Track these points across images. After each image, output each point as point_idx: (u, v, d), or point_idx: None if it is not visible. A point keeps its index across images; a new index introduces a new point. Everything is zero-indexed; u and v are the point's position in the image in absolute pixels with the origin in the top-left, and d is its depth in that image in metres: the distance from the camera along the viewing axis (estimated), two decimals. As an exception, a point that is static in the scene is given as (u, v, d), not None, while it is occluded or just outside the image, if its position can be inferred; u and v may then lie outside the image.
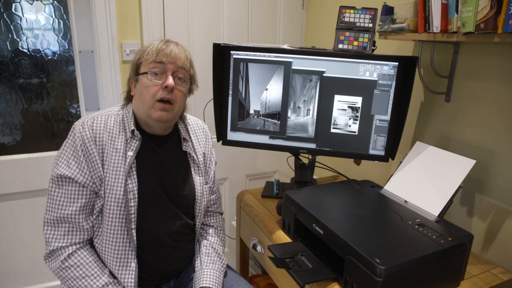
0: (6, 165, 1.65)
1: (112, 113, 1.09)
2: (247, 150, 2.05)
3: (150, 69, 1.04)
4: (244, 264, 1.68)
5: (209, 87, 1.36)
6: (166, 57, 1.04)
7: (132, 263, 1.05)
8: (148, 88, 1.04)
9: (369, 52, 1.26)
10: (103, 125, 1.05)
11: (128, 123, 1.08)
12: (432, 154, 1.19)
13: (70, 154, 1.02)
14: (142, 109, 1.07)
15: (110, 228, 1.02)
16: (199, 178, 1.18)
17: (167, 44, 1.06)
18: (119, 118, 1.08)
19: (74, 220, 1.01)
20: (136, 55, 1.10)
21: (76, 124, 1.05)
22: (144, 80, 1.04)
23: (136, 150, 1.06)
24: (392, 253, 0.87)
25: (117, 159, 1.03)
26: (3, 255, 1.75)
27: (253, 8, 1.92)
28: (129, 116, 1.09)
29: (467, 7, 0.96)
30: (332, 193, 1.21)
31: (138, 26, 1.74)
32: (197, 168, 1.19)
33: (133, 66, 1.10)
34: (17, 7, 1.61)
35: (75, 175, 1.00)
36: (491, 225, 1.18)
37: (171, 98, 1.04)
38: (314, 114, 1.36)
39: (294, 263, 1.04)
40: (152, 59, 1.04)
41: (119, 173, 1.03)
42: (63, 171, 1.00)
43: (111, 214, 1.02)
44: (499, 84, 1.13)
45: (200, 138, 1.23)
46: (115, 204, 1.02)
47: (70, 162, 1.01)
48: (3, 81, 1.66)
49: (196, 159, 1.18)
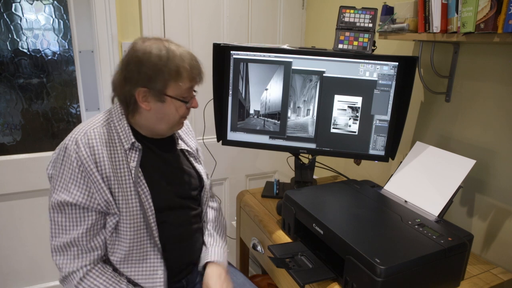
0: (6, 165, 1.65)
1: (102, 123, 1.02)
2: (247, 150, 2.05)
3: (184, 94, 1.00)
4: (244, 264, 1.68)
5: (209, 87, 1.36)
6: (197, 77, 1.02)
7: (160, 271, 1.03)
8: (178, 110, 1.02)
9: (369, 52, 1.26)
10: (98, 139, 0.97)
11: (124, 135, 1.01)
12: (432, 154, 1.19)
13: (68, 177, 0.95)
14: (161, 127, 1.03)
15: (132, 242, 0.99)
16: (201, 166, 1.20)
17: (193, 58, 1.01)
18: (111, 129, 1.01)
19: (81, 243, 0.96)
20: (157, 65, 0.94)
21: (69, 144, 0.95)
22: (176, 104, 1.00)
23: (138, 160, 1.02)
24: (392, 253, 0.87)
25: (122, 172, 0.99)
26: (3, 255, 1.75)
27: (253, 8, 1.92)
28: (124, 126, 1.02)
29: (467, 7, 0.96)
30: (332, 193, 1.21)
31: (138, 26, 1.74)
32: (195, 158, 1.20)
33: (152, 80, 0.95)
34: (17, 7, 1.61)
35: (76, 199, 0.94)
36: (491, 225, 1.18)
37: None
38: (314, 114, 1.36)
39: (294, 263, 1.04)
40: (188, 84, 1.00)
41: (128, 186, 0.99)
42: (63, 197, 0.94)
43: (131, 228, 0.99)
44: (499, 84, 1.13)
45: (188, 134, 1.24)
46: (134, 218, 0.99)
47: (70, 186, 0.94)
48: (3, 81, 1.66)
49: (193, 152, 1.19)
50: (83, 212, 0.96)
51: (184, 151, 1.18)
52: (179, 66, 0.96)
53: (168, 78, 0.96)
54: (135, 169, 1.00)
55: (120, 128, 1.02)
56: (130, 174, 1.00)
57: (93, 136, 0.97)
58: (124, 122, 1.03)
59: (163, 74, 0.95)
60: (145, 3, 1.68)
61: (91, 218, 0.96)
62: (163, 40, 1.00)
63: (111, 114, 1.05)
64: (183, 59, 0.97)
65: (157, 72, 0.95)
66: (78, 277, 0.96)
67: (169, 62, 0.95)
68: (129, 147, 1.01)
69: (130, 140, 1.01)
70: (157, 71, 0.95)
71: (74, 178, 0.95)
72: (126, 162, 1.00)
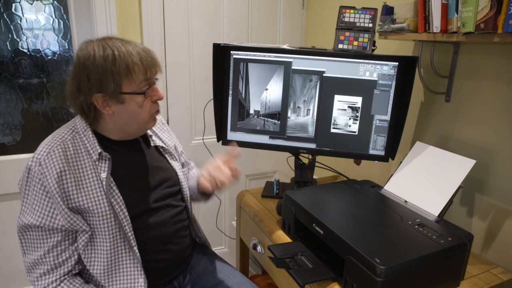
0: (6, 165, 1.65)
1: (66, 138, 0.98)
2: (247, 150, 2.04)
3: (142, 88, 0.96)
4: (244, 264, 1.68)
5: (209, 87, 1.36)
6: (152, 68, 0.96)
7: (140, 279, 1.02)
8: (143, 107, 0.98)
9: (369, 52, 1.26)
10: (63, 156, 0.94)
11: (90, 145, 0.98)
12: (432, 154, 1.19)
13: (32, 199, 0.94)
14: (131, 127, 1.01)
15: (108, 253, 0.98)
16: (177, 164, 1.18)
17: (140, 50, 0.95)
18: (77, 141, 0.98)
19: (47, 260, 0.96)
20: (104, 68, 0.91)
21: (32, 165, 0.93)
22: (137, 100, 0.96)
23: (109, 169, 0.98)
24: (392, 253, 0.87)
25: (92, 185, 0.96)
26: (3, 255, 1.75)
27: (253, 8, 1.92)
28: (89, 136, 0.99)
29: (467, 7, 0.96)
30: (332, 193, 1.21)
31: (138, 26, 1.74)
32: (170, 155, 1.18)
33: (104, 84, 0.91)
34: (17, 7, 1.61)
35: (40, 221, 0.93)
36: (491, 225, 1.18)
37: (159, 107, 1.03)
38: (314, 114, 1.36)
39: (294, 263, 1.04)
40: (142, 77, 0.95)
41: (101, 199, 0.96)
42: (29, 219, 0.93)
43: (107, 240, 0.98)
44: (499, 84, 1.13)
45: (163, 129, 1.22)
46: (109, 230, 0.97)
47: (34, 208, 0.94)
48: (3, 81, 1.66)
49: (167, 148, 1.17)
50: (48, 233, 0.95)
51: (159, 148, 1.16)
52: (128, 62, 0.92)
53: (119, 77, 0.92)
54: (105, 180, 0.97)
55: (86, 139, 0.99)
56: (101, 186, 0.97)
57: (57, 154, 0.94)
58: (89, 133, 0.99)
59: (113, 75, 0.91)
60: (145, 3, 1.68)
61: (56, 236, 0.96)
62: (106, 39, 0.96)
63: (76, 126, 1.01)
64: (130, 54, 0.92)
65: (106, 75, 0.91)
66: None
67: (116, 61, 0.91)
68: (97, 157, 0.98)
69: (96, 150, 0.98)
70: (106, 73, 0.91)
71: (38, 199, 0.94)
72: (97, 174, 0.97)
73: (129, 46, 0.94)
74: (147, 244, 1.06)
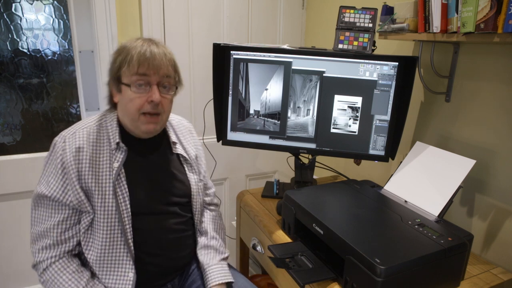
0: (6, 165, 1.65)
1: (93, 123, 1.05)
2: (247, 150, 2.05)
3: (134, 81, 0.98)
4: (244, 264, 1.68)
5: (209, 87, 1.36)
6: (149, 68, 0.97)
7: (130, 273, 1.03)
8: (132, 101, 0.99)
9: (369, 52, 1.26)
10: (85, 139, 1.01)
11: (112, 134, 1.03)
12: (432, 154, 1.19)
13: (50, 172, 1.00)
14: (128, 120, 1.03)
15: (104, 241, 1.00)
16: (194, 176, 1.17)
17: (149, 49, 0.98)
18: (102, 128, 1.04)
19: (52, 234, 1.00)
20: (114, 60, 1.01)
21: (57, 140, 1.01)
22: (128, 93, 0.99)
23: (122, 161, 1.02)
24: (392, 253, 0.87)
25: (104, 172, 1.00)
26: (3, 255, 1.75)
27: (253, 8, 1.92)
28: (113, 126, 1.04)
29: (467, 7, 0.96)
30: (332, 193, 1.21)
31: (138, 26, 1.74)
32: (190, 167, 1.18)
33: (112, 72, 1.02)
34: (17, 7, 1.61)
35: (52, 193, 0.99)
36: (491, 225, 1.18)
37: (157, 111, 1.01)
38: (314, 114, 1.36)
39: (294, 263, 1.04)
40: (134, 71, 0.97)
41: (108, 186, 1.00)
42: (43, 190, 0.99)
43: (105, 228, 1.00)
44: (499, 84, 1.13)
45: (188, 139, 1.22)
46: (108, 218, 1.00)
47: (50, 181, 1.00)
48: (3, 81, 1.66)
49: (189, 158, 1.17)
50: (57, 206, 1.00)
51: (180, 156, 1.16)
52: (128, 53, 0.98)
53: (119, 65, 0.99)
54: (116, 169, 1.01)
55: (110, 127, 1.05)
56: (111, 174, 1.01)
57: (81, 136, 1.01)
58: (114, 122, 1.05)
59: (115, 63, 1.00)
60: (145, 3, 1.68)
61: (63, 212, 1.00)
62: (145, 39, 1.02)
63: (106, 114, 1.08)
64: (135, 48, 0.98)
65: (113, 61, 1.01)
66: (42, 267, 1.00)
67: (122, 51, 1.00)
68: (114, 147, 1.03)
69: (115, 140, 1.03)
70: (113, 60, 1.01)
71: (55, 173, 1.00)
72: (111, 162, 1.02)
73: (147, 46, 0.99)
74: (144, 245, 1.06)
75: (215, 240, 1.21)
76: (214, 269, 1.12)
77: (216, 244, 1.20)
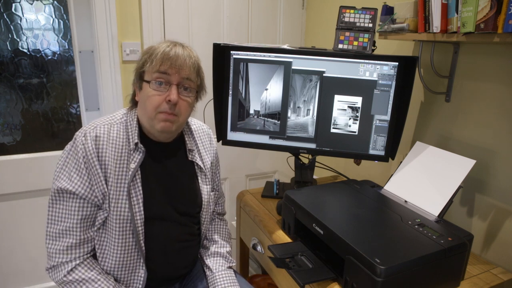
0: (6, 165, 1.65)
1: (115, 121, 1.04)
2: (247, 150, 2.05)
3: (154, 79, 0.99)
4: (244, 264, 1.68)
5: (209, 87, 1.36)
6: (171, 67, 0.98)
7: (141, 271, 1.03)
8: (150, 98, 0.99)
9: (369, 52, 1.26)
10: (106, 136, 0.99)
11: (132, 134, 1.03)
12: (432, 154, 1.19)
13: (72, 167, 0.97)
14: (145, 119, 1.02)
15: (116, 240, 0.99)
16: (206, 187, 1.16)
17: (174, 49, 0.99)
18: (123, 126, 1.03)
19: (75, 233, 0.98)
20: (140, 58, 1.03)
21: (78, 135, 0.99)
22: (147, 90, 0.99)
23: (139, 162, 1.01)
24: (392, 253, 0.87)
25: (120, 171, 0.99)
26: (3, 255, 1.75)
27: (253, 8, 1.92)
28: (133, 125, 1.04)
29: (467, 7, 0.96)
30: (332, 193, 1.21)
31: (138, 26, 1.74)
32: (204, 176, 1.16)
33: (137, 70, 1.03)
34: (17, 7, 1.61)
35: (76, 188, 0.96)
36: (491, 225, 1.18)
37: (174, 112, 1.00)
38: (314, 114, 1.36)
39: (294, 263, 1.04)
40: (156, 68, 0.98)
41: (122, 186, 0.99)
42: (65, 185, 0.96)
43: (117, 227, 0.99)
44: (499, 84, 1.13)
45: (206, 145, 1.20)
46: (121, 218, 0.99)
47: (72, 175, 0.97)
48: (3, 81, 1.66)
49: (203, 168, 1.16)
50: (81, 203, 0.98)
51: (195, 164, 1.15)
52: (153, 52, 0.99)
53: (143, 62, 1.00)
54: (132, 170, 1.00)
55: (130, 127, 1.04)
56: (127, 174, 1.00)
57: (102, 132, 1.00)
58: (134, 122, 1.04)
59: (141, 60, 1.02)
60: (145, 3, 1.68)
61: (87, 209, 0.98)
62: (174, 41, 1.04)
63: (130, 112, 1.08)
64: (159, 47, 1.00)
65: (140, 59, 1.03)
66: (69, 268, 0.97)
67: (151, 50, 1.01)
68: (133, 147, 1.02)
69: (134, 140, 1.02)
70: (140, 58, 1.03)
71: (78, 168, 0.97)
72: (128, 162, 1.00)
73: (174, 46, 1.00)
74: (151, 252, 1.06)
75: (224, 248, 1.22)
76: (222, 275, 1.14)
77: (225, 252, 1.21)
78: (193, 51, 1.05)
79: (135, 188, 1.01)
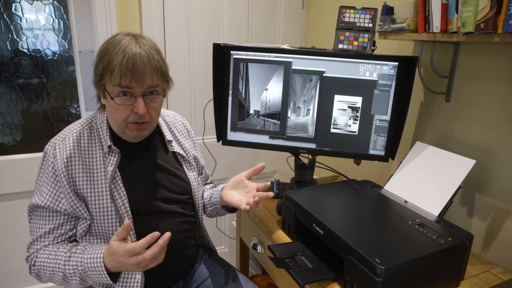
0: (6, 165, 1.65)
1: (83, 127, 1.02)
2: (247, 150, 2.05)
3: (117, 93, 0.93)
4: (244, 264, 1.68)
5: (209, 87, 1.36)
6: (131, 80, 0.90)
7: (137, 275, 1.01)
8: (117, 111, 0.95)
9: (369, 52, 1.26)
10: (76, 145, 0.98)
11: (104, 137, 1.00)
12: (432, 154, 1.19)
13: (43, 181, 0.98)
14: (115, 127, 1.00)
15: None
16: (193, 173, 1.16)
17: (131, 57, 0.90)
18: (93, 131, 1.01)
19: (43, 241, 0.99)
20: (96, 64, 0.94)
21: (48, 148, 0.99)
22: (111, 103, 0.94)
23: (116, 164, 1.00)
24: (392, 253, 0.87)
25: (97, 177, 0.98)
26: (3, 255, 1.75)
27: (253, 8, 1.92)
28: (103, 128, 1.01)
29: (467, 7, 0.96)
30: (332, 193, 1.21)
31: (138, 26, 1.74)
32: (189, 164, 1.16)
33: (96, 77, 0.96)
34: (17, 7, 1.61)
35: (45, 202, 0.97)
36: (491, 225, 1.18)
37: (144, 120, 0.97)
38: (314, 114, 1.36)
39: (294, 263, 1.04)
40: (116, 82, 0.91)
41: (104, 191, 0.98)
42: (36, 200, 0.98)
43: (106, 232, 0.98)
44: (499, 84, 1.13)
45: (184, 134, 1.20)
46: (108, 222, 0.98)
47: (42, 190, 0.98)
48: (3, 81, 1.66)
49: (186, 156, 1.15)
50: (50, 214, 0.98)
51: (177, 154, 1.14)
52: (112, 59, 0.90)
53: (102, 71, 0.92)
54: (111, 173, 0.99)
55: (101, 131, 1.02)
56: (107, 178, 0.98)
57: (71, 141, 0.99)
58: (104, 125, 1.02)
59: (98, 68, 0.94)
60: (145, 3, 1.68)
61: (57, 219, 0.99)
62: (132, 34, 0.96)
63: (96, 116, 1.05)
64: (124, 54, 0.90)
65: (96, 66, 0.95)
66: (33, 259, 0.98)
67: (108, 54, 0.91)
68: (107, 150, 1.00)
69: (107, 143, 1.00)
70: (98, 62, 0.94)
71: (47, 181, 0.98)
72: (105, 166, 0.99)
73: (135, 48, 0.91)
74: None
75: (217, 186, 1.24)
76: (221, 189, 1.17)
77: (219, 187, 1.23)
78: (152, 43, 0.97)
79: (117, 189, 0.99)
